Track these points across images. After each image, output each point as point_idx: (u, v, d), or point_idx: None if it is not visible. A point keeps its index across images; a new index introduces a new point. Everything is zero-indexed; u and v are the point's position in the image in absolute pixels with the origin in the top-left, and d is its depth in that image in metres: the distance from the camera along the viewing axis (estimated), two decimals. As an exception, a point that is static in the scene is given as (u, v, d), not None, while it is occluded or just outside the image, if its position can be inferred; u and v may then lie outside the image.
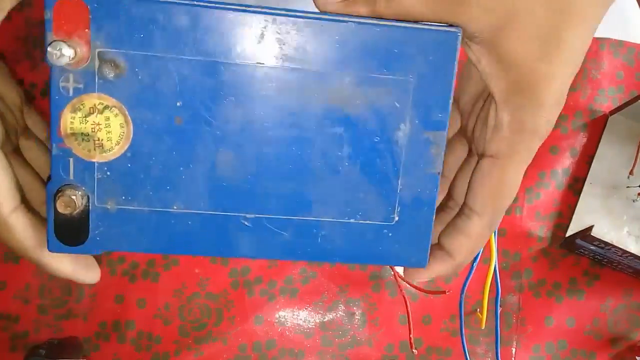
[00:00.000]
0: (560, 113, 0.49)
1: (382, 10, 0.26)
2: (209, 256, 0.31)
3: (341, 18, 0.26)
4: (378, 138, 0.27)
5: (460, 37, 0.27)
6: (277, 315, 0.45)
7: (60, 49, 0.24)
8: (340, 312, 0.46)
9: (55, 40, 0.25)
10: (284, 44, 0.26)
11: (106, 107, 0.26)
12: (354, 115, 0.27)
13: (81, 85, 0.26)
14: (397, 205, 0.28)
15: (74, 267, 0.30)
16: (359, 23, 0.26)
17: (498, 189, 0.28)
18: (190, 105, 0.26)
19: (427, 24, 0.27)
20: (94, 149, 0.26)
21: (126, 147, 0.26)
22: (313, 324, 0.46)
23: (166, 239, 0.27)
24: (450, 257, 0.30)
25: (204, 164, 0.27)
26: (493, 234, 0.41)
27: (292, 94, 0.26)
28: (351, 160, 0.27)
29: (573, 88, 0.49)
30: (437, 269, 0.30)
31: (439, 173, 0.29)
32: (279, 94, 0.26)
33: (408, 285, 0.46)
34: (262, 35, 0.26)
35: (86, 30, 0.25)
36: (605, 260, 0.45)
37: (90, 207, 0.27)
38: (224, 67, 0.26)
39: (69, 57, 0.25)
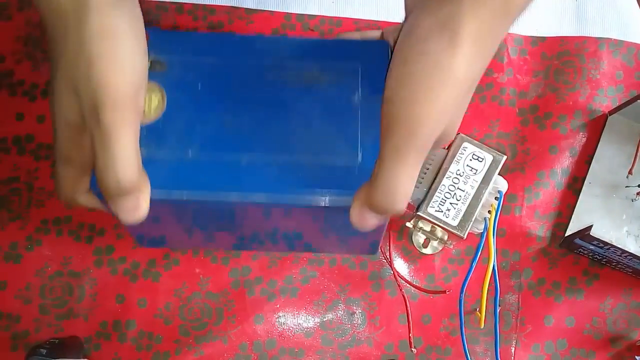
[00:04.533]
0: (560, 113, 0.49)
1: None
2: (214, 195, 0.36)
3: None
4: (341, 101, 0.37)
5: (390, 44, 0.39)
6: (277, 315, 0.45)
7: None
8: (340, 312, 0.46)
9: None
10: (271, 51, 0.38)
11: (151, 89, 0.37)
12: (324, 88, 0.37)
13: None
14: (359, 148, 0.36)
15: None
16: (321, 38, 0.41)
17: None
18: (207, 86, 0.37)
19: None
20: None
21: (160, 113, 0.37)
22: (313, 323, 0.46)
23: (182, 178, 0.35)
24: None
25: (213, 123, 0.36)
26: (492, 234, 0.41)
27: (277, 78, 0.37)
28: (324, 116, 0.37)
29: (572, 88, 0.49)
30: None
31: None
32: (267, 78, 0.37)
33: (408, 285, 0.46)
34: (256, 46, 0.38)
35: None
36: (605, 259, 0.45)
37: None
38: (230, 63, 0.37)
39: None
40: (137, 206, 0.33)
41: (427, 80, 0.31)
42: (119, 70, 0.32)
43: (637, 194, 0.47)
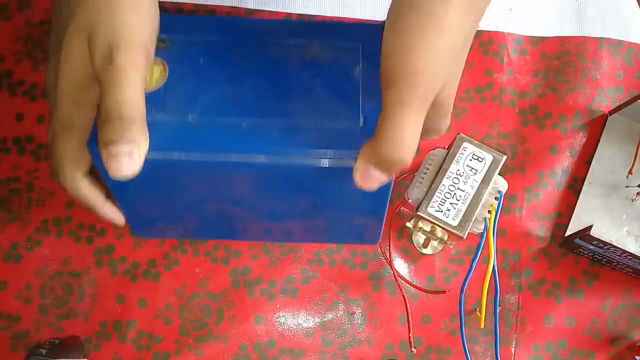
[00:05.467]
0: (559, 113, 0.49)
1: None
2: (214, 156, 0.36)
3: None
4: (342, 73, 0.37)
5: None
6: (277, 315, 0.45)
7: None
8: (340, 312, 0.46)
9: None
10: (273, 32, 0.38)
11: (153, 62, 0.36)
12: (325, 63, 0.37)
13: None
14: (360, 112, 0.36)
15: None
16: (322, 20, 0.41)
17: None
18: (209, 60, 0.37)
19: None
20: None
21: (162, 84, 0.36)
22: (313, 323, 0.46)
23: (182, 140, 0.35)
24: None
25: (215, 92, 0.36)
26: (492, 233, 0.41)
27: (279, 54, 0.37)
28: (325, 85, 0.37)
29: (572, 88, 0.49)
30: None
31: None
32: (270, 55, 0.37)
33: (408, 285, 0.46)
34: (258, 28, 0.39)
35: None
36: (605, 259, 0.45)
37: None
38: (233, 41, 0.38)
39: None
40: (131, 154, 0.32)
41: (422, 30, 0.32)
42: (138, 14, 0.34)
43: (637, 194, 0.46)
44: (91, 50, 0.33)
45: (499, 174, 0.43)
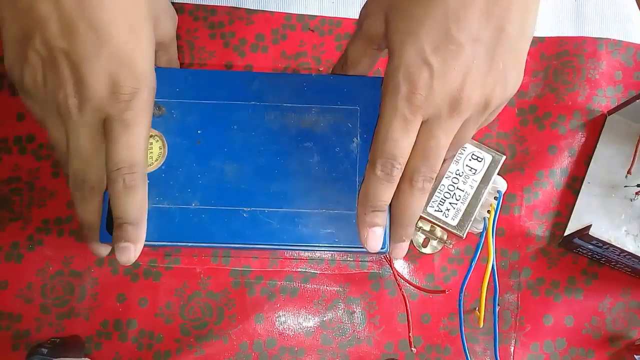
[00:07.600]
0: (559, 113, 0.49)
1: None
2: (217, 245, 0.37)
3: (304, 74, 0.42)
4: (338, 148, 0.37)
5: None
6: (277, 314, 0.46)
7: None
8: (340, 311, 0.46)
9: None
10: (269, 91, 0.38)
11: (151, 136, 0.37)
12: (320, 134, 0.37)
13: None
14: (357, 196, 0.36)
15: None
16: (320, 75, 0.40)
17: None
18: (207, 132, 0.37)
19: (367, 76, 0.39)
20: None
21: (162, 162, 0.37)
22: (313, 322, 0.46)
23: (186, 230, 0.36)
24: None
25: (215, 172, 0.37)
26: (491, 233, 0.41)
27: (276, 121, 0.38)
28: (320, 165, 0.37)
29: (571, 88, 0.49)
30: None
31: None
32: (267, 121, 0.38)
33: (407, 284, 0.46)
34: (254, 86, 0.38)
35: None
36: (604, 259, 0.46)
37: None
38: (229, 106, 0.38)
39: None
40: (130, 249, 0.35)
41: None
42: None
43: (636, 193, 0.47)
44: None
45: (498, 174, 0.43)
